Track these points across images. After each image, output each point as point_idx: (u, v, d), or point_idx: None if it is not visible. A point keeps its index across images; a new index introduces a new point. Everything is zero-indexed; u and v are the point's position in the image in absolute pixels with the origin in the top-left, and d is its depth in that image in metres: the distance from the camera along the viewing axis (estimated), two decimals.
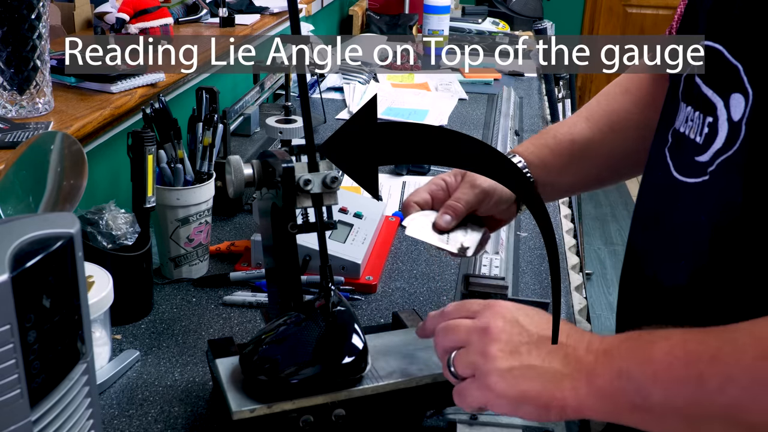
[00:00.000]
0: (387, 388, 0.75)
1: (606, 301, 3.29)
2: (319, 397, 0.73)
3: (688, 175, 0.70)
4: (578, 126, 0.94)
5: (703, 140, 0.68)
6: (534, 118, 2.01)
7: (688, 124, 0.71)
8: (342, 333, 0.76)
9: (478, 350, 0.67)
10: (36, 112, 1.09)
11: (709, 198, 0.68)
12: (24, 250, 0.51)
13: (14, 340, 0.50)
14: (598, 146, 0.94)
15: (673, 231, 0.73)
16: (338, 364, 0.73)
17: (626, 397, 0.60)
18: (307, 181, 0.76)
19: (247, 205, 1.35)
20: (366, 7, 3.06)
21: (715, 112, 0.67)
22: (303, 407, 0.73)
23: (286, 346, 0.75)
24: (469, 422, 0.81)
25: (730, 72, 0.65)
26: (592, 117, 0.95)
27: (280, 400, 0.72)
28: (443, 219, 0.88)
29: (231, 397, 0.73)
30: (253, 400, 0.72)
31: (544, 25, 2.11)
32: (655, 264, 0.76)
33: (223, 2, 1.74)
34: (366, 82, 2.18)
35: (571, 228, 1.40)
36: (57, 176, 0.83)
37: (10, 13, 1.02)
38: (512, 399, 0.64)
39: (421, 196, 0.91)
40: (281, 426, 0.73)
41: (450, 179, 0.92)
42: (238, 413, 0.71)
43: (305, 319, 0.78)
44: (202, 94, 1.12)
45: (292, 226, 0.78)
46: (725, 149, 0.66)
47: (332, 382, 0.74)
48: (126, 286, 0.97)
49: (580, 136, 0.94)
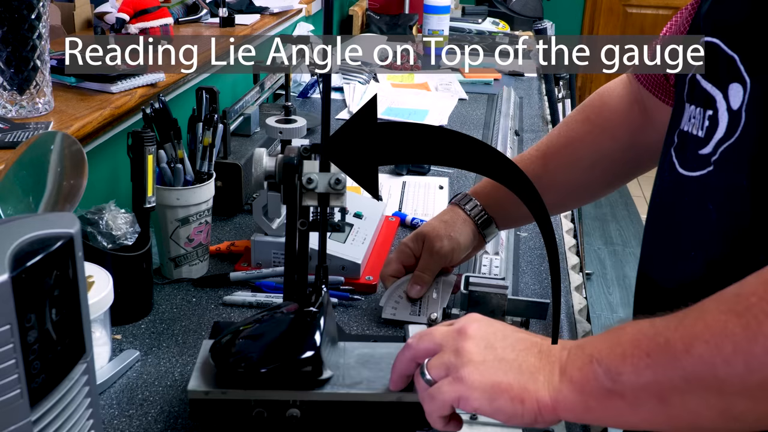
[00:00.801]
0: (345, 397, 0.74)
1: (606, 301, 3.29)
2: (273, 392, 0.73)
3: (692, 169, 0.71)
4: (532, 165, 1.00)
5: (704, 133, 0.69)
6: (534, 118, 2.01)
7: (691, 122, 0.72)
8: (299, 334, 0.75)
9: (452, 349, 0.66)
10: (36, 112, 1.09)
11: (714, 186, 0.68)
12: (24, 250, 0.51)
13: (14, 340, 0.50)
14: (547, 183, 0.97)
15: (681, 225, 0.73)
16: (283, 361, 0.73)
17: (597, 381, 0.59)
18: (310, 179, 0.77)
19: (247, 205, 1.35)
20: (366, 7, 3.06)
21: (715, 105, 0.68)
22: (257, 399, 0.73)
23: (248, 338, 0.76)
24: (469, 422, 0.80)
25: (727, 63, 0.66)
26: (548, 152, 1.01)
27: (236, 388, 0.73)
28: (414, 290, 1.00)
29: (194, 376, 0.75)
30: (213, 384, 0.74)
31: (544, 25, 2.11)
32: (668, 262, 0.76)
33: (223, 2, 1.74)
34: (366, 82, 2.18)
35: (571, 228, 1.40)
36: (57, 176, 0.83)
37: (10, 13, 1.02)
38: (485, 390, 0.63)
39: (393, 267, 1.02)
40: (233, 414, 0.74)
41: (413, 245, 1.01)
42: (193, 392, 0.73)
43: (276, 316, 0.78)
44: (202, 94, 1.12)
45: (302, 224, 0.79)
46: (727, 137, 0.67)
47: (283, 379, 0.73)
48: (126, 286, 0.97)
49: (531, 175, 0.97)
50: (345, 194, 0.78)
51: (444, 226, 1.00)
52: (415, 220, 1.32)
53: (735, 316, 0.53)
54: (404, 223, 1.32)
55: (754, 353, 0.52)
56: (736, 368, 0.52)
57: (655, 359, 0.57)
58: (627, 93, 0.97)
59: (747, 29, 0.65)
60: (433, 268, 1.00)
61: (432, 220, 1.03)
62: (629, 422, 0.60)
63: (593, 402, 0.60)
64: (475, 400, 0.63)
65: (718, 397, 0.54)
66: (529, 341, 0.66)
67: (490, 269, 1.11)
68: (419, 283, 1.00)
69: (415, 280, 1.00)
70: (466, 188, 1.48)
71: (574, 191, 1.04)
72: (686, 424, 0.57)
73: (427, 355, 0.68)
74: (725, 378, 0.53)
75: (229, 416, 0.74)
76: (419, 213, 1.37)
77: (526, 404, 0.62)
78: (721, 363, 0.53)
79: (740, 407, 0.54)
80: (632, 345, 0.58)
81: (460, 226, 1.00)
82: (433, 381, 0.66)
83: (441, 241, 0.99)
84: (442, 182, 1.51)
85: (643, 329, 0.59)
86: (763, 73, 0.64)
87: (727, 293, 0.56)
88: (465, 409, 0.65)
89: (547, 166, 1.00)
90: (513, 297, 0.97)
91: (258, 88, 1.58)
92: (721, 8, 0.70)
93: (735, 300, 0.54)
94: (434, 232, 1.00)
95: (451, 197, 1.05)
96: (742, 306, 0.54)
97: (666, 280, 0.76)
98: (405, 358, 0.71)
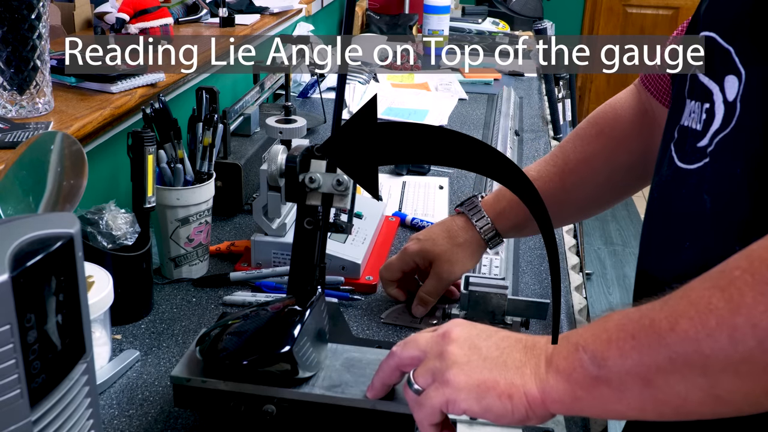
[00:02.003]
0: (318, 399, 0.74)
1: (606, 301, 3.29)
2: (250, 386, 0.74)
3: (690, 162, 0.71)
4: (550, 183, 1.00)
5: (702, 126, 0.70)
6: (534, 118, 2.01)
7: (690, 117, 0.72)
8: (278, 331, 0.75)
9: (437, 354, 0.66)
10: (36, 112, 1.09)
11: (710, 176, 0.68)
12: (24, 250, 0.51)
13: (14, 340, 0.49)
14: (564, 200, 1.00)
15: (677, 217, 0.73)
16: (260, 354, 0.73)
17: (584, 369, 0.59)
18: (312, 179, 0.77)
19: (247, 205, 1.35)
20: (366, 7, 3.06)
21: (712, 98, 0.69)
22: (235, 392, 0.74)
23: (233, 330, 0.77)
24: (469, 422, 0.80)
25: (723, 56, 0.67)
26: (566, 169, 1.00)
27: (217, 377, 0.74)
28: (418, 311, 1.02)
29: (181, 361, 0.77)
30: (198, 373, 0.75)
31: (544, 25, 2.11)
32: (664, 254, 0.76)
33: (223, 2, 1.74)
34: (366, 82, 2.18)
35: (571, 228, 1.40)
36: (57, 176, 0.83)
37: (10, 13, 1.02)
38: (471, 390, 0.62)
39: (394, 274, 1.04)
40: (212, 403, 0.75)
41: (420, 260, 1.01)
42: (175, 378, 0.75)
43: (261, 313, 0.79)
44: (202, 94, 1.12)
45: (308, 222, 0.79)
46: (722, 128, 0.67)
47: (259, 373, 0.73)
48: (126, 286, 0.97)
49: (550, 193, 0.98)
50: (348, 195, 0.79)
51: (454, 250, 1.00)
52: (415, 220, 1.32)
53: (719, 291, 0.53)
54: (404, 223, 1.32)
55: (737, 325, 0.51)
56: (720, 342, 0.52)
57: (640, 340, 0.56)
58: (637, 103, 0.97)
59: (741, 21, 0.66)
60: (440, 292, 1.02)
61: (440, 237, 1.01)
62: (617, 410, 0.59)
63: (581, 391, 0.60)
64: (463, 401, 0.63)
65: (703, 377, 0.54)
66: (514, 338, 0.66)
67: (490, 269, 1.11)
68: (424, 305, 1.02)
69: (420, 301, 1.02)
70: (467, 188, 1.49)
71: (589, 205, 1.05)
72: (673, 408, 0.56)
73: (412, 362, 0.68)
74: (710, 353, 0.53)
75: (209, 405, 0.76)
76: (419, 213, 1.37)
77: (515, 399, 0.62)
78: (705, 338, 0.53)
79: (726, 385, 0.53)
80: (618, 329, 0.58)
81: (470, 248, 1.00)
82: (421, 390, 0.66)
83: (451, 266, 0.99)
84: (442, 182, 1.51)
85: (629, 314, 0.59)
86: (757, 64, 0.64)
87: (712, 271, 0.56)
88: (454, 412, 0.64)
89: (565, 184, 0.99)
90: (513, 297, 0.97)
91: (258, 88, 1.58)
92: (718, 3, 0.71)
93: (719, 276, 0.54)
94: (445, 257, 0.99)
95: (458, 202, 1.04)
96: (725, 280, 0.53)
97: (663, 271, 0.76)
98: (389, 366, 0.70)
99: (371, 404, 0.73)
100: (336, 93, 0.77)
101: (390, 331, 1.01)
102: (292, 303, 0.78)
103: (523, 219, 0.99)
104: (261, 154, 1.40)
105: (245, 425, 0.76)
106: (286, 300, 0.80)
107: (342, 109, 0.77)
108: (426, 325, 1.01)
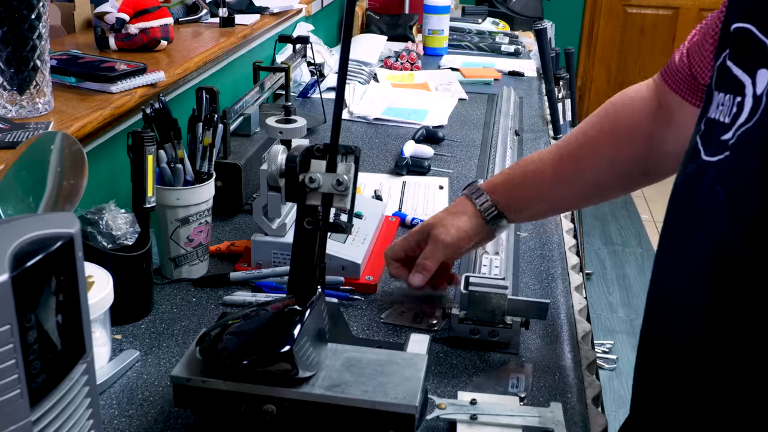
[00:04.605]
0: (318, 398, 0.74)
1: (606, 301, 3.29)
2: (251, 386, 0.74)
3: (713, 155, 0.71)
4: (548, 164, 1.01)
5: (730, 119, 0.69)
6: (534, 118, 2.01)
7: (719, 109, 0.71)
8: (278, 330, 0.75)
9: None
10: (36, 112, 1.09)
11: (727, 169, 0.68)
12: (24, 250, 0.51)
13: (14, 340, 0.50)
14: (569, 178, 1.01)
15: (694, 210, 0.72)
16: (259, 354, 0.73)
17: None
18: (312, 179, 0.77)
19: (247, 205, 1.35)
20: (366, 7, 3.06)
21: (744, 90, 0.68)
22: (235, 392, 0.74)
23: (233, 330, 0.77)
24: (469, 422, 0.80)
25: (758, 48, 0.66)
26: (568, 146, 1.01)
27: (217, 378, 0.74)
28: (416, 278, 1.00)
29: (181, 361, 0.77)
30: (198, 373, 0.75)
31: (544, 25, 2.11)
32: (678, 247, 0.76)
33: (223, 2, 1.74)
34: (366, 82, 2.18)
35: (571, 228, 1.40)
36: (57, 176, 0.83)
37: (10, 13, 1.02)
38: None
39: (397, 254, 1.04)
40: (212, 403, 0.75)
41: (418, 236, 1.03)
42: (175, 378, 0.75)
43: (261, 313, 0.79)
44: (202, 94, 1.12)
45: (308, 222, 0.79)
46: (746, 122, 0.66)
47: (259, 373, 0.73)
48: (126, 286, 0.97)
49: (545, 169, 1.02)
50: (348, 195, 0.79)
51: (451, 217, 1.01)
52: (415, 220, 1.32)
53: None
54: (404, 223, 1.32)
55: None
56: None
57: None
58: (653, 95, 0.97)
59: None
60: (437, 256, 1.00)
61: (440, 212, 1.04)
62: None
63: None
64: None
65: None
66: None
67: (490, 269, 1.11)
68: (421, 271, 1.00)
69: (418, 267, 1.00)
70: None
71: (590, 191, 1.04)
72: None
73: None
74: None
75: (209, 405, 0.75)
76: (419, 213, 1.37)
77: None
78: None
79: None
80: None
81: (468, 219, 1.00)
82: None
83: (446, 229, 0.99)
84: (442, 182, 1.51)
85: None
86: None
87: None
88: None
89: (564, 164, 1.00)
90: (513, 297, 0.97)
91: (258, 88, 1.58)
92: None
93: None
94: (440, 223, 1.01)
95: (464, 187, 1.05)
96: None
97: (676, 267, 0.76)
98: None
99: (371, 404, 0.73)
100: (336, 93, 0.77)
101: (390, 331, 1.01)
102: (292, 303, 0.78)
103: (520, 189, 1.01)
104: (261, 154, 1.40)
105: (245, 425, 0.76)
106: (286, 300, 0.80)
107: (342, 109, 0.77)
108: (426, 325, 1.01)
